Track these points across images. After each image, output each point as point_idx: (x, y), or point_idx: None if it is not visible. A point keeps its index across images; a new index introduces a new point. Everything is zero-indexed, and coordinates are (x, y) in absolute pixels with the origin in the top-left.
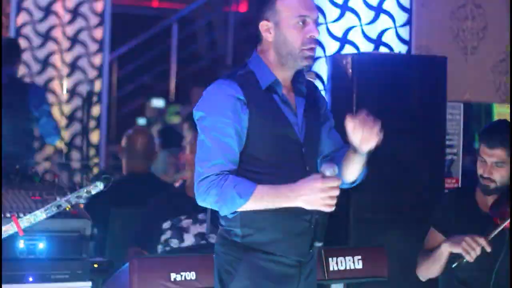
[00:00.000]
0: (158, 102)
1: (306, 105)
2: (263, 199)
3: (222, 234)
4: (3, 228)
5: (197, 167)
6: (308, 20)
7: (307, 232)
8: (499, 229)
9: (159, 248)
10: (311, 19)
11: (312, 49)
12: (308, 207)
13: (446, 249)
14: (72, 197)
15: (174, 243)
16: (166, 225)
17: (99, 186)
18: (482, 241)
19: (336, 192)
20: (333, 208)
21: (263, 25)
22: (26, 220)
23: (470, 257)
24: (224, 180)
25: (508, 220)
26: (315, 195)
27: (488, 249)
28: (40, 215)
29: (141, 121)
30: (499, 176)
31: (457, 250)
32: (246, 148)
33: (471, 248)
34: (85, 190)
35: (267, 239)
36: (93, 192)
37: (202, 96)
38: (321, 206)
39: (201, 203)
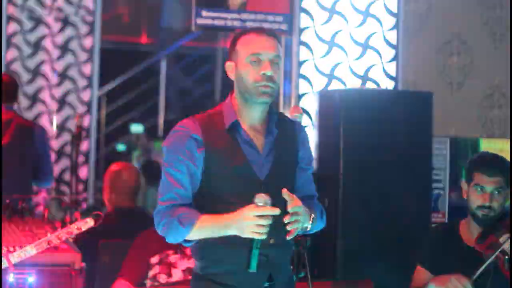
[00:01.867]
0: (137, 128)
1: (276, 145)
2: (205, 227)
3: (193, 268)
4: None
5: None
6: (262, 59)
7: (265, 265)
8: (485, 265)
9: (148, 283)
10: (265, 57)
11: (267, 86)
12: (240, 234)
13: None
14: (62, 233)
15: (163, 278)
16: (154, 260)
17: (90, 222)
18: (467, 282)
19: (265, 221)
20: (263, 236)
21: (227, 65)
22: (17, 256)
23: None
24: (172, 212)
25: (496, 254)
26: (243, 222)
27: None
28: (30, 250)
29: (121, 147)
30: (497, 204)
31: None
32: (205, 187)
33: None
34: (75, 226)
35: (223, 270)
36: (84, 228)
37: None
38: (250, 233)
39: (160, 233)
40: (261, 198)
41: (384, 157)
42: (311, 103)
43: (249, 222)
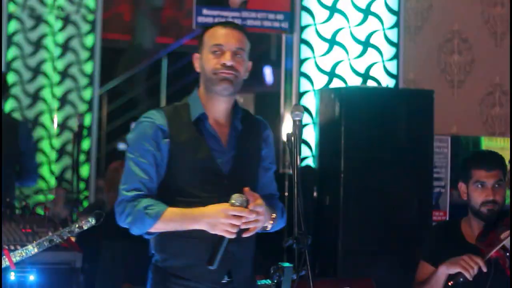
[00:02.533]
0: None
1: (240, 141)
2: (172, 220)
3: (152, 260)
4: None
5: (119, 189)
6: (224, 50)
7: (224, 261)
8: (494, 250)
9: None
10: (227, 48)
11: (226, 73)
12: (210, 230)
13: (443, 272)
14: (64, 232)
15: None
16: None
17: (91, 221)
18: (479, 260)
19: (239, 222)
20: (233, 236)
21: (194, 57)
22: (18, 254)
23: (468, 275)
24: (137, 202)
25: (496, 248)
26: (217, 220)
27: (484, 269)
28: (32, 249)
29: (122, 146)
30: (499, 197)
31: (455, 269)
32: (169, 178)
33: (470, 266)
34: (77, 225)
35: (180, 264)
36: (85, 227)
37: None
38: (221, 231)
39: (120, 224)
40: (239, 198)
41: (385, 155)
42: (312, 101)
43: (224, 220)
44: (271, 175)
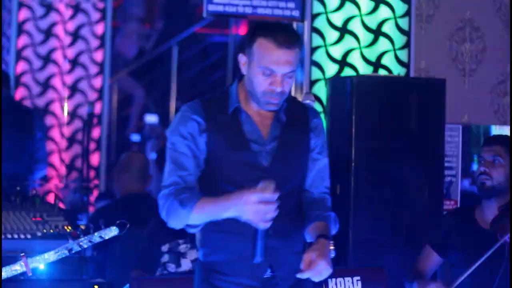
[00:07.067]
0: (151, 118)
1: (282, 132)
2: (205, 209)
3: (198, 255)
4: (12, 267)
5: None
6: (276, 72)
7: (265, 255)
8: (487, 255)
9: (158, 270)
10: (279, 72)
11: (274, 98)
12: (241, 217)
13: None
14: (84, 241)
15: (171, 267)
16: (164, 248)
17: (114, 231)
18: None
19: (269, 208)
20: (265, 225)
21: (240, 57)
22: (36, 261)
23: None
24: (174, 195)
25: (503, 240)
26: (246, 206)
27: None
28: (51, 257)
29: (135, 137)
30: (496, 174)
31: None
32: (207, 172)
33: None
34: (98, 235)
35: (222, 259)
36: (107, 237)
37: None
38: (252, 218)
39: (163, 218)
40: (267, 184)
41: (396, 144)
42: (322, 90)
43: (253, 206)
44: (322, 168)
